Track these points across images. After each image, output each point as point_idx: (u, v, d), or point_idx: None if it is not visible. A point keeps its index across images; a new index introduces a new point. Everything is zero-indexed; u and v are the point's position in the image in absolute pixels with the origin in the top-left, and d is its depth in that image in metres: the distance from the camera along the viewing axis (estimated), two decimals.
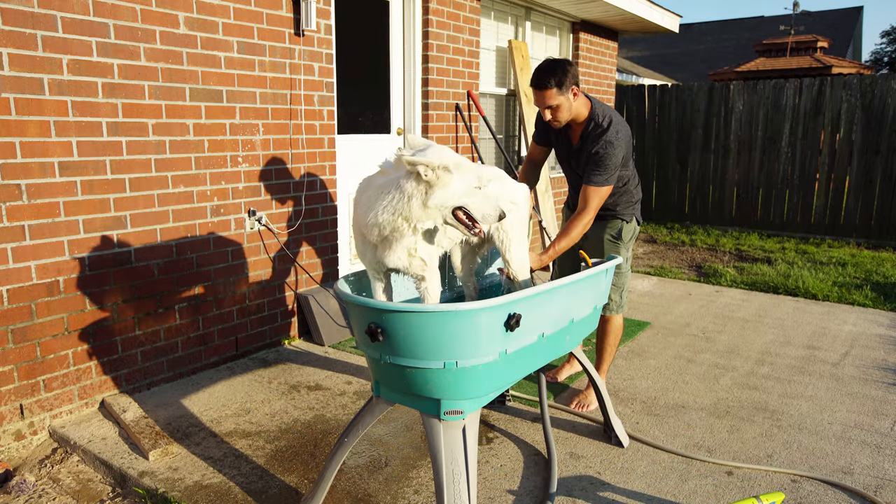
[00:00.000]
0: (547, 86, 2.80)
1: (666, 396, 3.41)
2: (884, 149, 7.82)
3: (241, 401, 3.31)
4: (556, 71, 2.80)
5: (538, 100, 2.86)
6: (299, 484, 2.57)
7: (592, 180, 2.87)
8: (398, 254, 2.12)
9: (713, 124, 8.94)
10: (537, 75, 2.83)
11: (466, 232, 2.07)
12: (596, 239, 3.18)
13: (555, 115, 2.88)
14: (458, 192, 1.99)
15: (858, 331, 4.55)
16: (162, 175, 3.33)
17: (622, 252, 3.18)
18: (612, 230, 3.17)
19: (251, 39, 3.65)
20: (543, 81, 2.81)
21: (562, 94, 2.82)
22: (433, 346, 1.87)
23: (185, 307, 3.54)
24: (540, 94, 2.83)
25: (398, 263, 2.14)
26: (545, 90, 2.81)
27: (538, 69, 2.85)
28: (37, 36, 2.78)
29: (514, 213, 2.52)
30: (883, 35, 31.23)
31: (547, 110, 2.88)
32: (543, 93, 2.82)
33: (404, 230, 2.03)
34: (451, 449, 1.98)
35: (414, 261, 2.15)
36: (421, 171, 1.91)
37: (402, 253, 2.12)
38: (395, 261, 2.13)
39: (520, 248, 2.58)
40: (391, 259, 2.13)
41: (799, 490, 2.54)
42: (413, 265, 2.15)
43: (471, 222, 2.06)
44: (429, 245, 2.18)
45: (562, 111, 2.87)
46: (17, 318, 2.87)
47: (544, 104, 2.85)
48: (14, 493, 2.62)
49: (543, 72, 2.82)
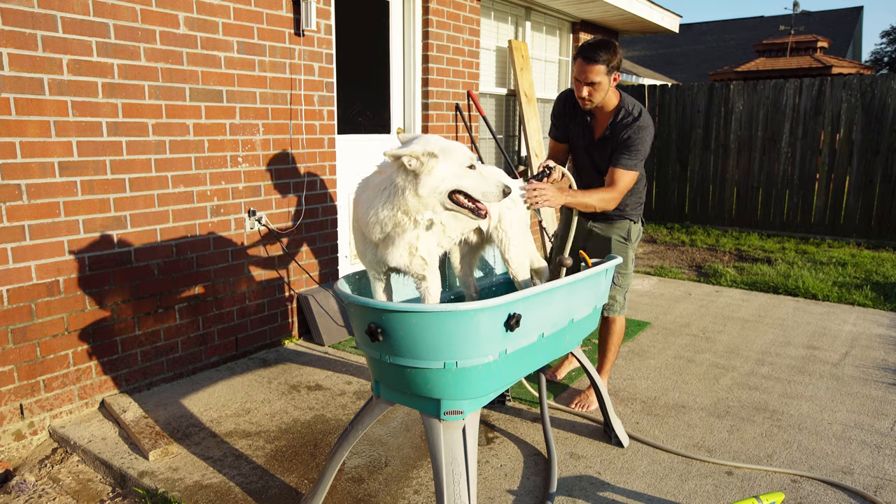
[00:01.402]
0: (597, 60, 2.74)
1: (666, 396, 3.40)
2: (884, 149, 7.82)
3: (241, 401, 3.31)
4: (608, 48, 2.76)
5: (582, 73, 2.78)
6: (299, 484, 2.57)
7: (622, 163, 2.82)
8: (400, 251, 2.10)
9: (713, 124, 8.94)
10: (588, 48, 2.78)
11: (470, 214, 2.03)
12: (604, 239, 3.15)
13: (592, 93, 2.82)
14: (446, 174, 1.97)
15: (858, 331, 4.55)
16: (162, 175, 3.33)
17: (630, 253, 3.15)
18: (621, 231, 3.14)
19: (251, 39, 3.65)
20: (594, 55, 2.74)
21: (607, 75, 2.77)
22: (433, 346, 1.87)
23: (185, 307, 3.54)
24: (586, 68, 2.76)
25: (399, 262, 2.13)
26: (594, 64, 2.74)
27: (590, 43, 2.80)
28: (37, 36, 2.78)
29: (513, 212, 2.52)
30: (883, 35, 31.26)
31: (586, 87, 2.80)
32: (591, 67, 2.75)
33: (406, 224, 2.02)
34: (451, 449, 1.98)
35: (414, 259, 2.14)
36: (404, 161, 1.92)
37: (403, 251, 2.10)
38: (397, 258, 2.12)
39: (519, 247, 2.57)
40: (393, 257, 2.11)
41: (799, 490, 2.54)
42: (413, 264, 2.15)
43: (472, 203, 2.02)
44: (429, 243, 2.17)
45: (599, 91, 2.81)
46: (17, 318, 2.87)
47: (587, 79, 2.78)
48: (14, 493, 2.62)
49: (595, 46, 2.77)
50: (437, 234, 2.22)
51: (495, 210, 2.44)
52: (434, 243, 2.21)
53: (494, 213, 2.45)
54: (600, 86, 2.79)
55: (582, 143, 3.06)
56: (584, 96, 2.84)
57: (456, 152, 1.99)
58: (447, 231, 2.28)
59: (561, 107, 3.10)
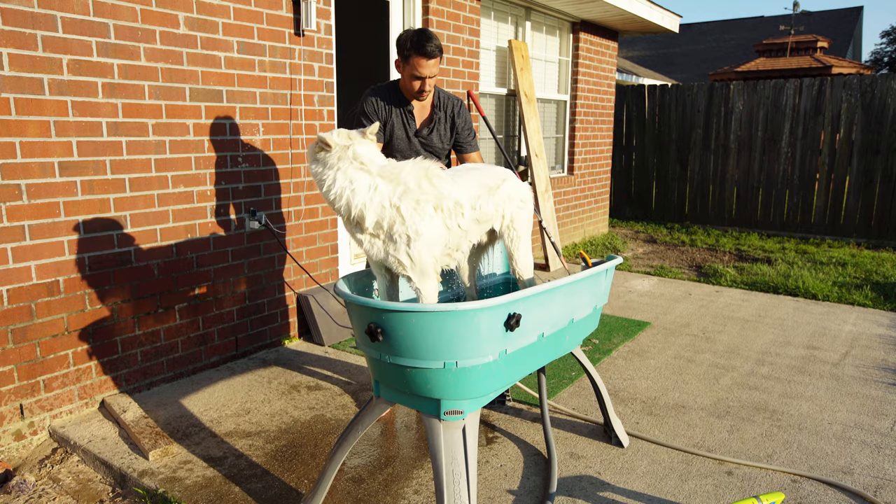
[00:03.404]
0: (436, 54, 2.83)
1: (666, 396, 3.41)
2: (884, 149, 7.82)
3: (241, 401, 3.31)
4: (433, 37, 2.84)
5: (426, 69, 2.86)
6: (299, 484, 2.57)
7: (475, 145, 3.17)
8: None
9: (713, 124, 8.94)
10: (430, 42, 2.83)
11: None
12: None
13: (431, 85, 2.95)
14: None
15: (858, 331, 4.55)
16: (162, 175, 3.33)
17: None
18: None
19: (251, 39, 3.65)
20: (433, 49, 2.82)
21: (438, 63, 2.90)
22: (433, 346, 1.87)
23: (185, 307, 3.54)
24: (430, 63, 2.85)
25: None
26: (435, 58, 2.85)
27: (427, 36, 2.86)
28: (37, 36, 2.78)
29: (523, 212, 2.52)
30: (883, 35, 31.22)
31: (428, 80, 2.91)
32: (434, 61, 2.85)
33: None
34: (451, 449, 1.98)
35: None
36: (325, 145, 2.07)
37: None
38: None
39: (527, 246, 2.58)
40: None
41: (799, 490, 2.54)
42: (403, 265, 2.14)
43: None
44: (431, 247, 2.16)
45: (433, 82, 2.95)
46: (17, 318, 2.87)
47: (432, 73, 2.88)
48: (14, 493, 2.62)
49: (428, 39, 2.83)
50: (457, 236, 2.23)
51: (508, 211, 2.45)
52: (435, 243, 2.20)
53: (507, 213, 2.46)
54: (435, 76, 2.93)
55: (403, 134, 3.13)
56: (426, 90, 2.95)
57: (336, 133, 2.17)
58: (469, 236, 2.30)
59: (373, 107, 3.07)
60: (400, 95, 3.08)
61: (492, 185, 2.36)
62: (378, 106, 3.06)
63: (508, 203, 2.42)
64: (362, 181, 2.04)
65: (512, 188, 2.45)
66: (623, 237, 8.49)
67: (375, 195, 2.04)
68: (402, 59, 2.92)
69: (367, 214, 2.04)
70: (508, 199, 2.42)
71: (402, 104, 3.07)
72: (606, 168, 8.42)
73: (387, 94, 3.07)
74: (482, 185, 2.32)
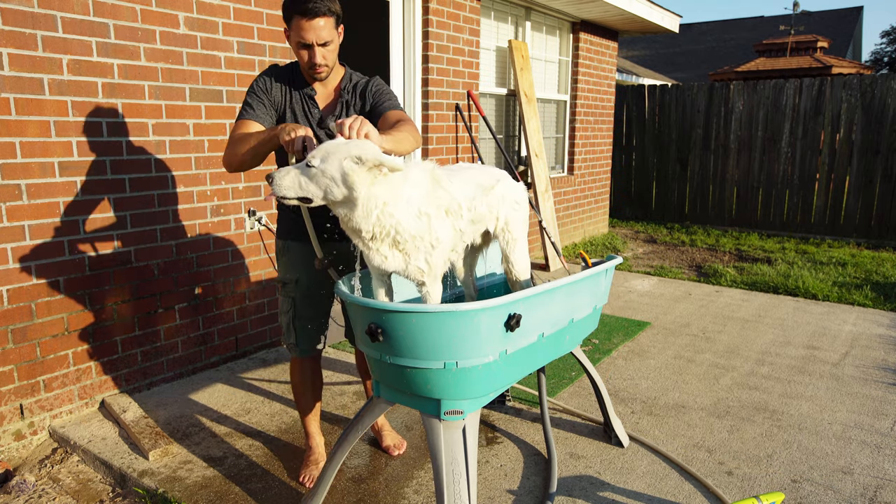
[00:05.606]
0: (324, 12, 2.16)
1: (666, 396, 3.41)
2: (884, 149, 7.82)
3: (241, 401, 3.31)
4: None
5: (312, 32, 2.18)
6: (299, 484, 2.57)
7: (397, 104, 2.41)
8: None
9: (713, 124, 8.94)
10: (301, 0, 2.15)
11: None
12: None
13: (327, 56, 2.26)
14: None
15: (858, 331, 4.55)
16: (162, 175, 3.33)
17: None
18: None
19: (251, 39, 3.65)
20: (323, 7, 2.15)
21: (335, 30, 2.24)
22: (433, 346, 1.87)
23: (185, 307, 3.54)
24: (316, 25, 2.17)
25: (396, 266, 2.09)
26: (321, 16, 2.16)
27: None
28: (37, 36, 2.78)
29: (518, 213, 2.52)
30: (883, 35, 31.23)
31: (318, 49, 2.22)
32: (316, 21, 2.16)
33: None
34: (451, 449, 1.98)
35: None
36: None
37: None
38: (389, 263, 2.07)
39: (523, 249, 2.57)
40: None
41: (799, 490, 2.54)
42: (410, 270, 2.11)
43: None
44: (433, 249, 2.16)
45: (333, 52, 2.29)
46: (17, 318, 2.87)
47: (318, 39, 2.20)
48: (14, 493, 2.62)
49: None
50: (457, 237, 2.21)
51: (503, 212, 2.45)
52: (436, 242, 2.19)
53: (502, 215, 2.45)
54: (332, 45, 2.26)
55: (306, 123, 2.44)
56: (318, 62, 2.25)
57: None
58: (456, 247, 2.27)
59: (265, 86, 2.37)
60: (300, 77, 2.41)
61: (486, 186, 2.34)
62: (271, 86, 2.36)
63: (502, 204, 2.40)
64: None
65: (506, 189, 2.43)
66: (623, 237, 8.49)
67: (408, 207, 1.94)
68: (287, 24, 2.25)
69: (401, 227, 1.96)
70: (502, 200, 2.40)
71: (302, 87, 2.40)
72: (606, 168, 8.42)
73: (286, 75, 2.41)
74: (477, 185, 2.31)
